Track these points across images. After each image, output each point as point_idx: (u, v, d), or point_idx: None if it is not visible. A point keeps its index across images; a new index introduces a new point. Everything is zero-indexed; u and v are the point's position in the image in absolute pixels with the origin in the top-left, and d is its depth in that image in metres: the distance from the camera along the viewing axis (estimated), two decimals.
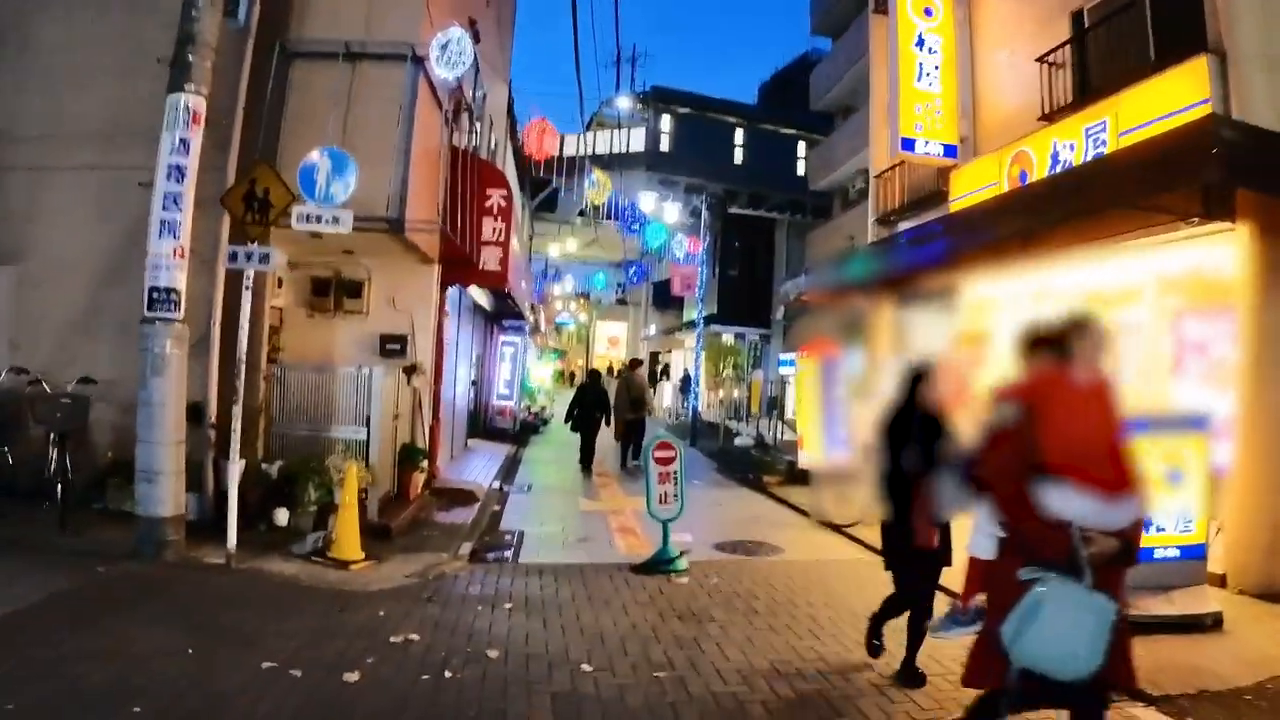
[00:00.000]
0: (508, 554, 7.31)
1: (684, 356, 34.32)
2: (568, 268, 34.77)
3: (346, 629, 4.83)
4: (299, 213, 6.53)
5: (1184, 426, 5.30)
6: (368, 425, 7.74)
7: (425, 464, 9.36)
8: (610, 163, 32.07)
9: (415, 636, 4.73)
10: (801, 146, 32.28)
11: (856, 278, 11.43)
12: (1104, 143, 7.88)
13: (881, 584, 4.68)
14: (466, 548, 7.35)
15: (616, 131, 35.20)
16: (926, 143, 10.57)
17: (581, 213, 33.05)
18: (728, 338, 27.16)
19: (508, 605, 5.58)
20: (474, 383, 15.57)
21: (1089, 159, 8.04)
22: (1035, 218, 7.54)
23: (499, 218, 9.67)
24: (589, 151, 28.95)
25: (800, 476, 11.63)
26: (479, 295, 13.38)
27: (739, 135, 32.74)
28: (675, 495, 6.88)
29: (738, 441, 17.15)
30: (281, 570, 6.13)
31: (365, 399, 7.77)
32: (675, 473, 6.91)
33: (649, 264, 28.49)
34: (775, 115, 34.84)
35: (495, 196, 9.71)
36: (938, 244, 9.62)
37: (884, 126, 12.46)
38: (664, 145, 32.09)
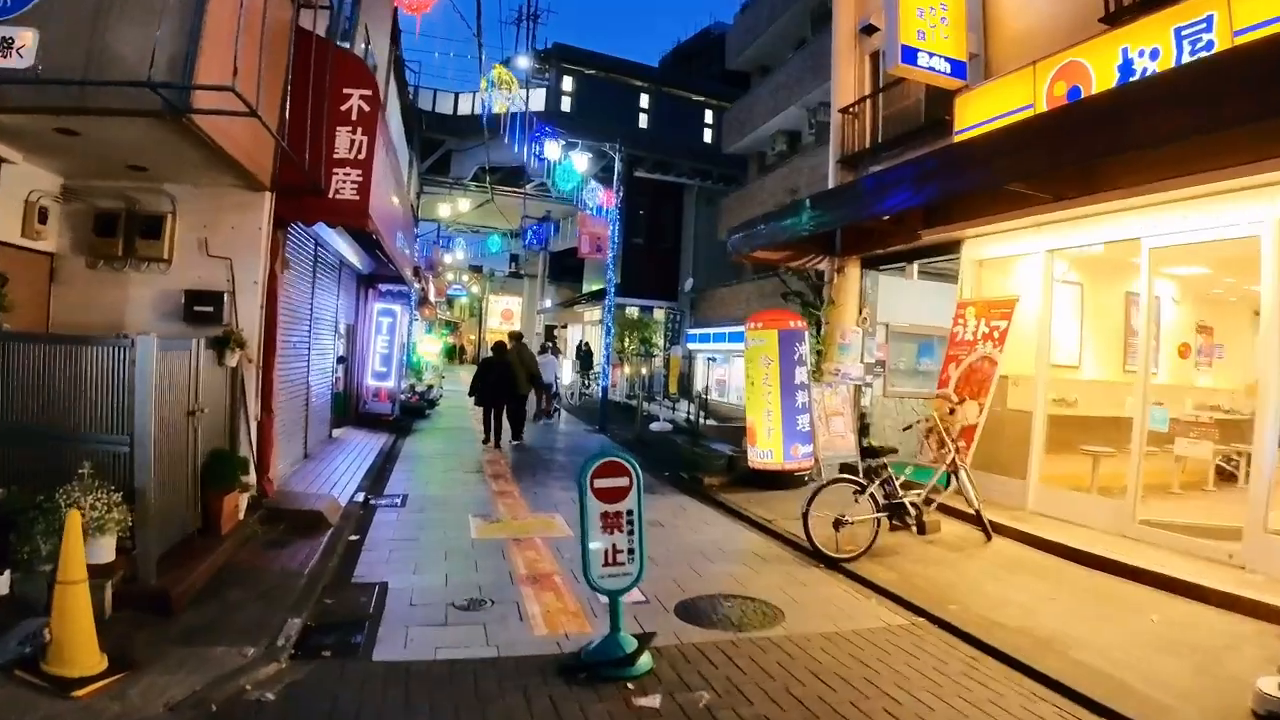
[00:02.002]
0: (358, 639, 4.43)
1: (583, 330, 31.56)
2: (460, 236, 31.20)
3: None
4: None
5: None
6: (131, 431, 4.64)
7: (249, 478, 6.30)
8: (508, 123, 28.92)
9: None
10: (709, 114, 30.12)
11: (808, 231, 8.94)
12: (1210, 45, 5.63)
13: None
14: (293, 627, 4.44)
15: (515, 91, 31.93)
16: (931, 56, 8.16)
17: (475, 178, 29.80)
18: (632, 311, 24.62)
19: None
20: (341, 359, 12.30)
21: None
22: (1119, 136, 5.21)
23: (359, 128, 6.60)
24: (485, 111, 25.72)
25: (754, 478, 9.17)
26: (345, 248, 10.18)
27: (644, 100, 30.16)
28: (631, 550, 4.15)
29: (654, 427, 14.59)
30: None
31: (125, 389, 4.66)
32: (631, 516, 4.18)
33: (548, 228, 25.52)
34: (682, 80, 32.42)
35: (355, 98, 6.62)
36: (932, 185, 7.24)
37: (850, 51, 10.07)
38: (565, 106, 29.18)
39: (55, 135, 5.11)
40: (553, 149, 15.09)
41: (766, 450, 8.99)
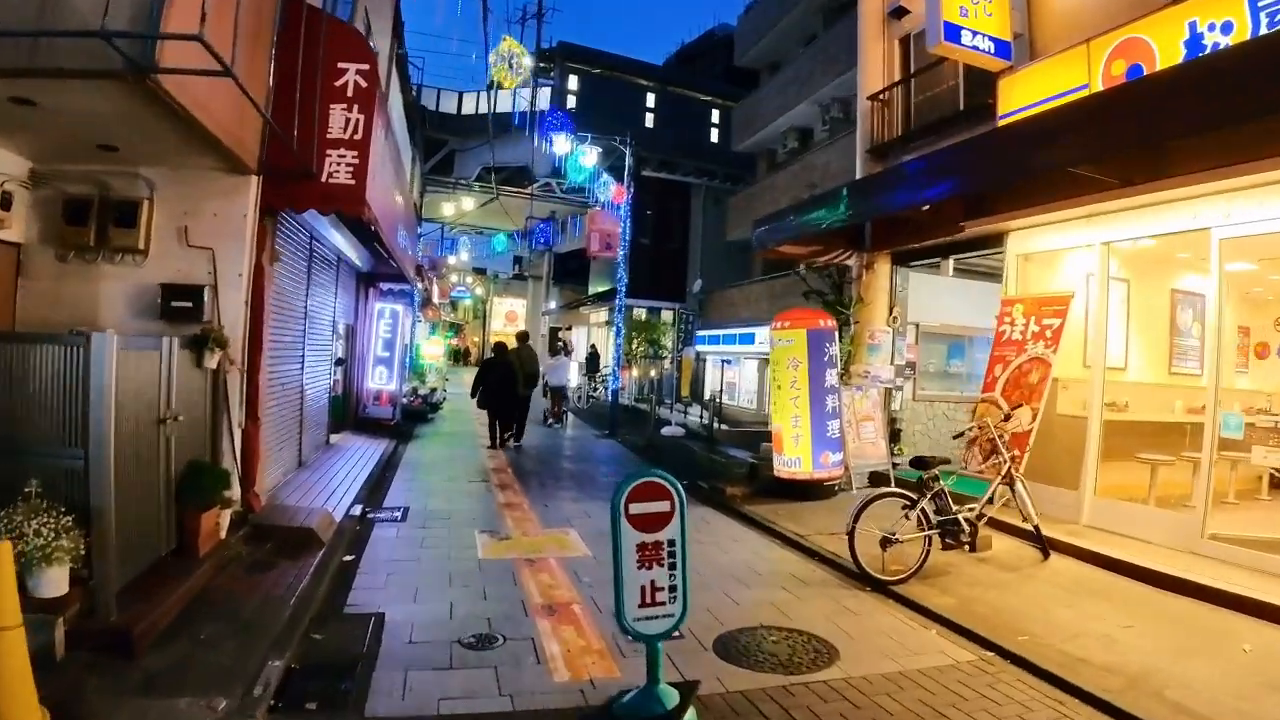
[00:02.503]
0: (348, 686, 3.75)
1: (588, 332, 30.89)
2: (465, 237, 30.58)
3: None
4: None
5: None
6: (85, 443, 3.97)
7: (233, 492, 5.64)
8: (512, 123, 28.30)
9: None
10: (715, 115, 29.52)
11: (841, 223, 8.29)
12: None
13: None
14: (273, 671, 3.77)
15: (520, 89, 31.31)
16: (974, 34, 7.49)
17: (479, 179, 29.14)
18: (639, 312, 23.92)
19: None
20: (340, 361, 11.64)
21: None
22: (1199, 113, 4.55)
23: (355, 105, 5.93)
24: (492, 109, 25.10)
25: (779, 488, 8.49)
26: (343, 242, 9.52)
27: (649, 99, 29.52)
28: (673, 588, 3.46)
29: (666, 432, 13.91)
30: None
31: (80, 394, 4.00)
32: (673, 547, 3.49)
33: (554, 227, 24.86)
34: (687, 80, 31.81)
35: (351, 73, 5.95)
36: (979, 171, 6.60)
37: (878, 36, 9.42)
38: (570, 105, 28.54)
39: (11, 107, 4.46)
40: (562, 143, 14.44)
41: (794, 458, 8.31)
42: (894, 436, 9.44)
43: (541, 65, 28.42)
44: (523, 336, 13.53)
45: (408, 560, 5.86)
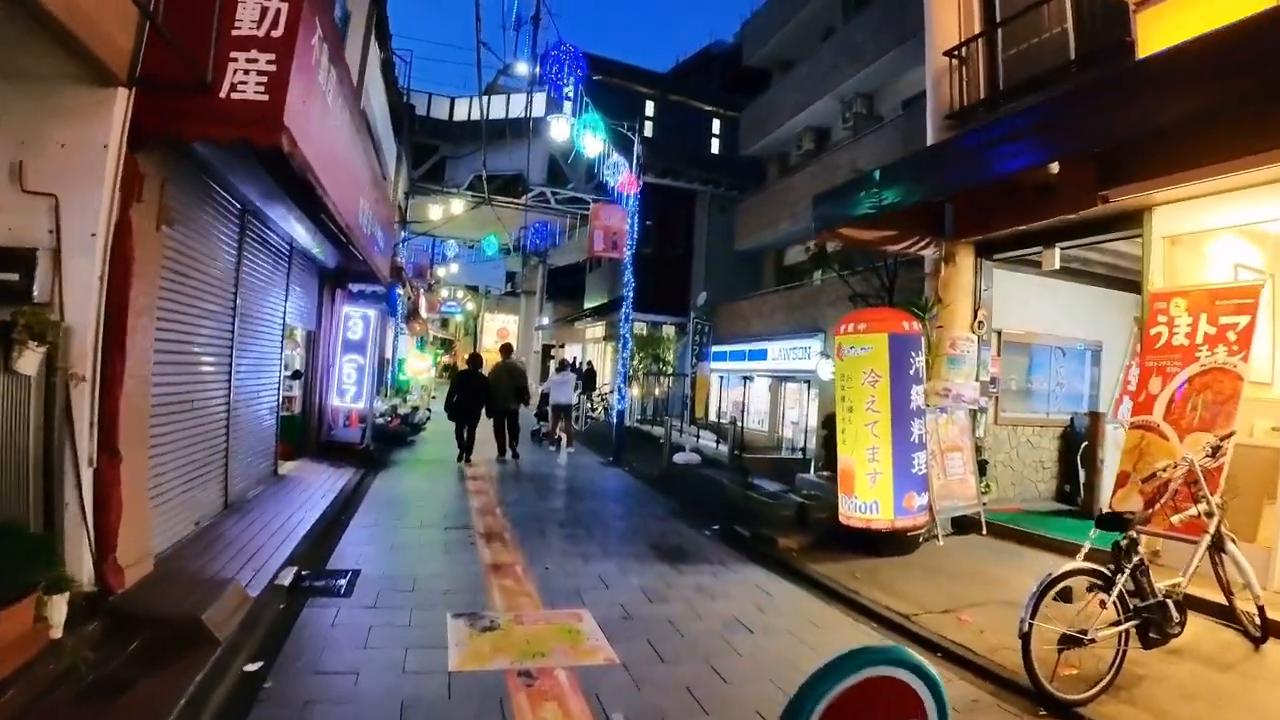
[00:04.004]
0: None
1: (584, 349, 28.81)
2: (455, 244, 28.55)
3: None
4: None
5: None
6: None
7: (74, 568, 3.56)
8: (506, 130, 26.40)
9: None
10: (716, 124, 27.76)
11: (925, 194, 6.34)
12: None
13: None
14: None
15: (513, 96, 29.50)
16: None
17: (470, 187, 27.18)
18: (639, 327, 21.84)
19: None
20: (296, 374, 9.52)
21: None
22: None
23: None
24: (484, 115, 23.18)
25: (846, 538, 6.43)
26: (296, 225, 7.44)
27: (649, 107, 27.68)
28: None
29: (679, 459, 11.79)
30: None
31: None
32: None
33: (549, 229, 22.90)
34: (688, 89, 30.09)
35: None
36: (1124, 123, 4.64)
37: None
38: (559, 138, 26.65)
39: None
40: (560, 127, 12.51)
41: (870, 502, 6.22)
42: (981, 469, 7.40)
43: (537, 71, 26.65)
44: (506, 350, 12.74)
45: (340, 674, 3.71)
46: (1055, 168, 5.56)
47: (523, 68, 25.98)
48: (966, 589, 5.46)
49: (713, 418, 18.08)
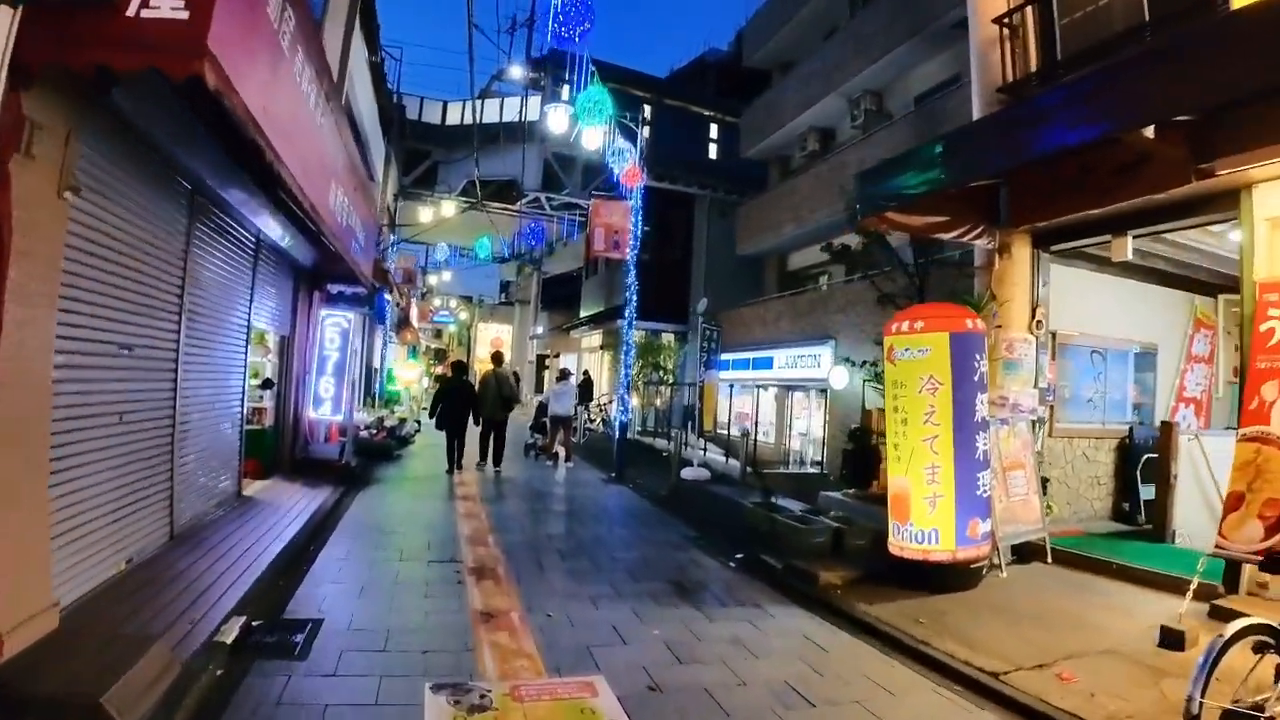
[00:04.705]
0: None
1: (580, 358, 27.81)
2: (445, 255, 27.61)
3: None
4: None
5: None
6: None
7: None
8: (499, 134, 25.50)
9: None
10: (714, 130, 26.96)
11: (960, 181, 5.44)
12: None
13: None
14: None
15: (507, 99, 28.66)
16: None
17: (464, 193, 26.28)
18: (637, 335, 20.86)
19: None
20: (268, 384, 8.51)
21: None
22: None
23: None
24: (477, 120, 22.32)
25: (897, 570, 5.48)
26: (270, 225, 6.48)
27: (646, 111, 26.84)
28: None
29: (687, 474, 10.78)
30: None
31: None
32: None
33: (543, 229, 21.98)
34: (685, 94, 29.33)
35: None
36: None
37: None
38: (559, 131, 25.78)
39: None
40: (558, 118, 11.62)
41: (928, 530, 5.25)
42: (1041, 488, 6.45)
43: (532, 76, 25.83)
44: (497, 359, 12.24)
45: None
46: (1150, 132, 4.64)
47: (517, 71, 25.23)
48: (1055, 635, 4.50)
49: (737, 432, 17.00)
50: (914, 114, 14.05)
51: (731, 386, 18.03)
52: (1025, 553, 6.31)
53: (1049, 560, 6.28)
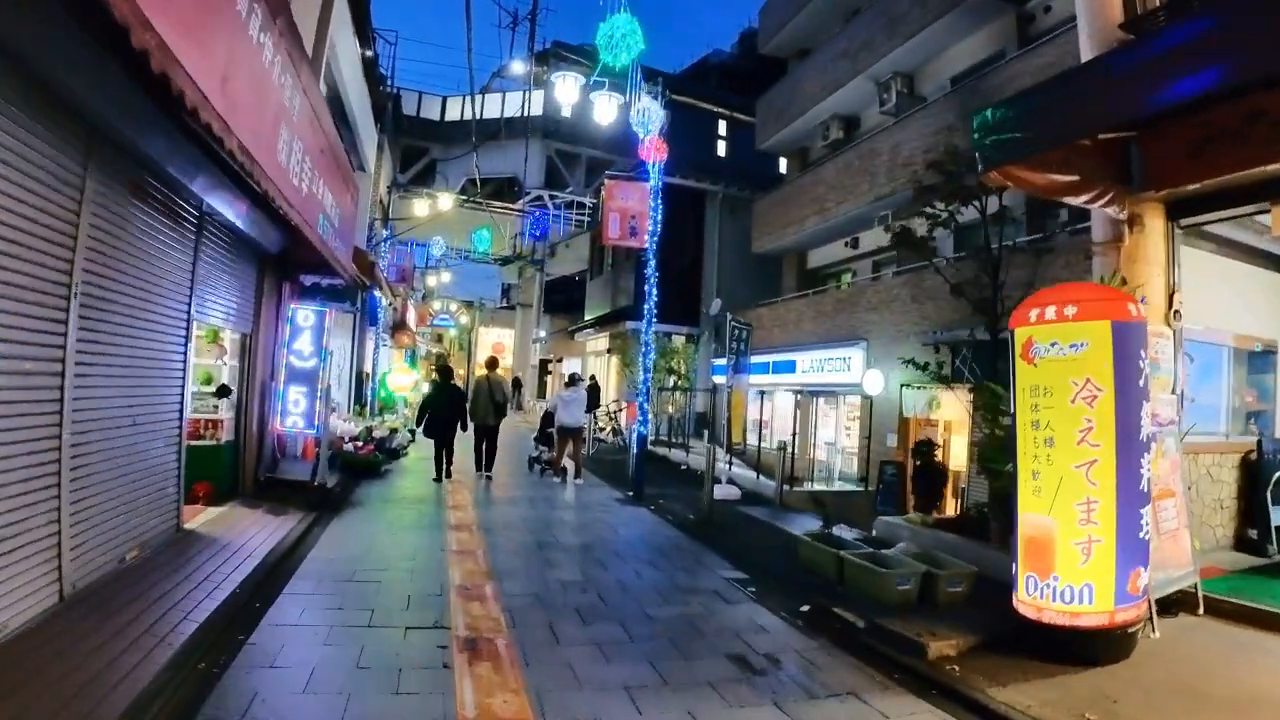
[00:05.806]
0: None
1: (585, 363, 26.39)
2: (442, 251, 26.25)
3: None
4: None
5: None
6: None
7: None
8: (500, 130, 24.15)
9: None
10: (722, 127, 25.56)
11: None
12: None
13: None
14: None
15: (509, 94, 27.36)
16: None
17: (463, 191, 24.95)
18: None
19: None
20: (224, 390, 7.09)
21: None
22: None
23: None
24: (477, 115, 20.98)
25: (1031, 636, 4.04)
26: (219, 197, 5.08)
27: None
28: None
29: (720, 494, 9.34)
30: None
31: None
32: None
33: (548, 218, 20.65)
34: (693, 91, 28.00)
35: None
36: None
37: None
38: (565, 111, 24.44)
39: None
40: (566, 89, 10.26)
41: (1080, 586, 3.82)
42: None
43: (535, 70, 24.54)
44: (491, 364, 11.83)
45: None
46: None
47: (518, 66, 23.87)
48: None
49: (774, 444, 15.50)
50: (951, 94, 12.68)
51: (747, 393, 16.66)
52: (1166, 601, 4.90)
53: (1200, 611, 4.88)
